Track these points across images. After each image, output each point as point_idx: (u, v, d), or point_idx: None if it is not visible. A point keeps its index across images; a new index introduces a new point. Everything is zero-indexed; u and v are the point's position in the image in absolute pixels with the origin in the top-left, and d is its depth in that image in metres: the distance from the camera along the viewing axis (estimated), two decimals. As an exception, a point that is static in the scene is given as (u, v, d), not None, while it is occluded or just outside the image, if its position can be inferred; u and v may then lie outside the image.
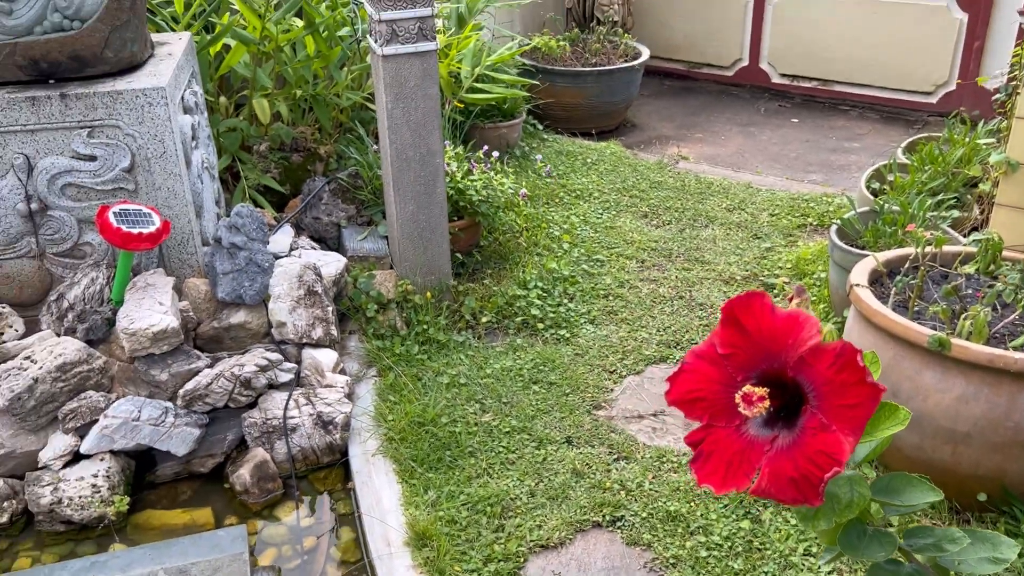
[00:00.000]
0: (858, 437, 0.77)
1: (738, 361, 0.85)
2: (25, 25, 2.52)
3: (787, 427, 0.83)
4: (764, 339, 0.83)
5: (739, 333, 0.85)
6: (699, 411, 0.87)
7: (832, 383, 0.78)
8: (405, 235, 2.99)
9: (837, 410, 0.78)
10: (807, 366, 0.80)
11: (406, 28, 2.70)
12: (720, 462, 0.84)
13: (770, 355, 0.83)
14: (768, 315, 0.83)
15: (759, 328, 0.84)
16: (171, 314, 2.44)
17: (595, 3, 5.54)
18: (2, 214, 2.58)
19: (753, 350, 0.84)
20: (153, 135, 2.55)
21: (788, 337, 0.82)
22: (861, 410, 0.77)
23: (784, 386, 0.83)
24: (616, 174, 4.27)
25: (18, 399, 2.29)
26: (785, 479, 0.79)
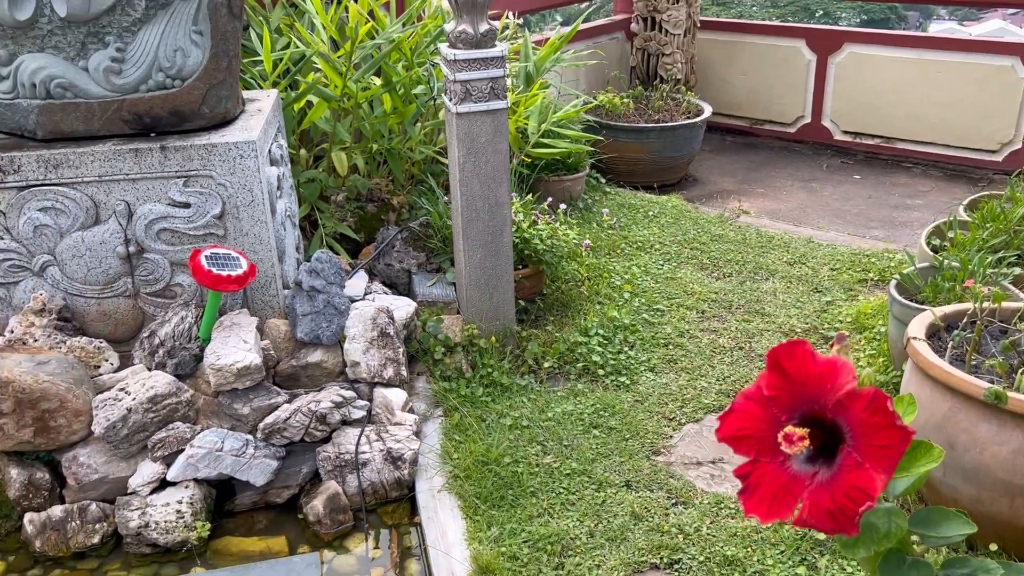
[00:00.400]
0: (890, 475, 0.86)
1: (782, 403, 0.95)
2: (132, 84, 2.76)
3: (827, 464, 0.92)
4: (805, 383, 0.93)
5: (782, 377, 0.95)
6: (746, 447, 0.97)
7: (866, 425, 0.87)
8: (472, 281, 3.13)
9: (870, 450, 0.87)
10: (844, 409, 0.90)
11: (479, 88, 2.87)
12: (766, 494, 0.93)
13: (811, 398, 0.93)
14: (809, 361, 0.93)
15: (800, 373, 0.93)
16: (254, 352, 2.60)
17: (659, 62, 5.69)
18: (102, 256, 2.79)
19: (795, 393, 0.94)
20: (243, 185, 2.75)
21: (827, 382, 0.91)
22: (892, 451, 0.86)
23: (824, 426, 0.93)
24: (677, 227, 4.37)
25: (113, 427, 2.47)
26: (824, 511, 0.88)
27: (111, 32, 2.71)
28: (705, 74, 6.02)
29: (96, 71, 2.72)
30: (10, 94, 2.77)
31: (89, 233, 2.76)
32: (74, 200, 2.72)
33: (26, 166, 2.68)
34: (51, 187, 2.70)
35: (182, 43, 2.72)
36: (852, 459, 0.88)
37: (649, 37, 5.69)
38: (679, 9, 5.54)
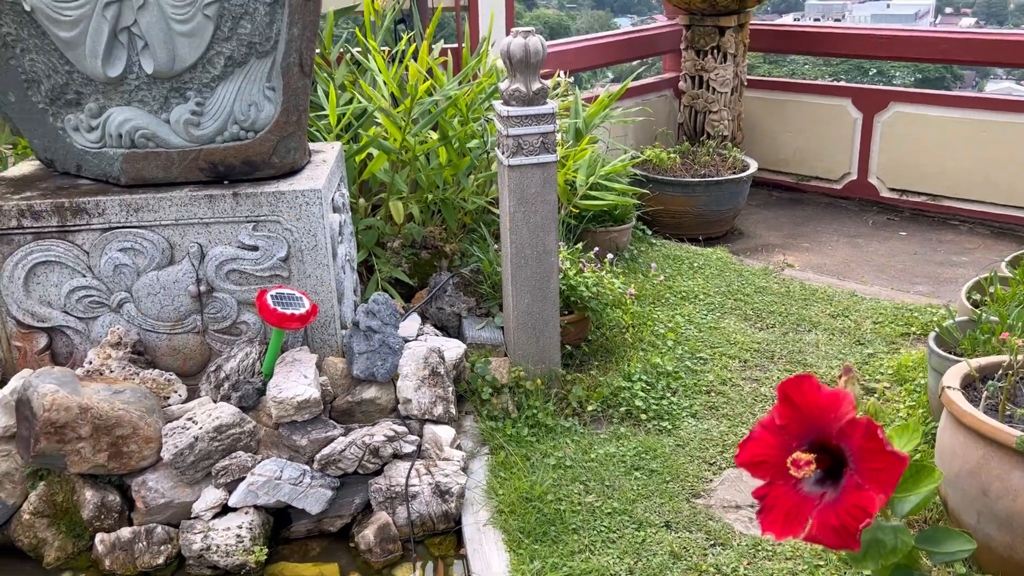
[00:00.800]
0: (888, 495, 0.96)
1: (792, 431, 1.06)
2: (209, 135, 2.98)
3: (833, 486, 1.02)
4: (811, 413, 1.04)
5: (792, 408, 1.06)
6: (762, 471, 1.07)
7: (863, 450, 0.98)
8: (520, 325, 3.27)
9: (869, 472, 0.97)
10: (846, 436, 1.00)
11: (530, 142, 3.03)
12: (780, 514, 1.04)
13: (817, 426, 1.03)
14: (814, 393, 1.04)
15: (807, 404, 1.04)
16: (313, 386, 2.76)
17: (706, 119, 5.83)
18: (175, 294, 2.99)
19: (803, 422, 1.05)
20: (307, 230, 2.93)
21: (830, 411, 1.02)
22: (887, 473, 0.96)
23: (830, 451, 1.03)
24: (722, 278, 4.47)
25: (180, 454, 2.63)
26: (829, 528, 0.98)
27: (192, 88, 2.95)
28: (752, 131, 6.15)
29: (177, 123, 2.95)
30: (98, 143, 3.01)
31: (164, 273, 2.96)
32: (152, 242, 2.93)
33: (110, 209, 2.90)
34: (131, 229, 2.92)
35: (256, 98, 2.94)
36: (854, 481, 0.98)
37: (696, 95, 5.85)
38: (726, 69, 5.69)
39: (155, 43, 2.85)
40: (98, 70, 2.89)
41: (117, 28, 2.84)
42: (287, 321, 2.78)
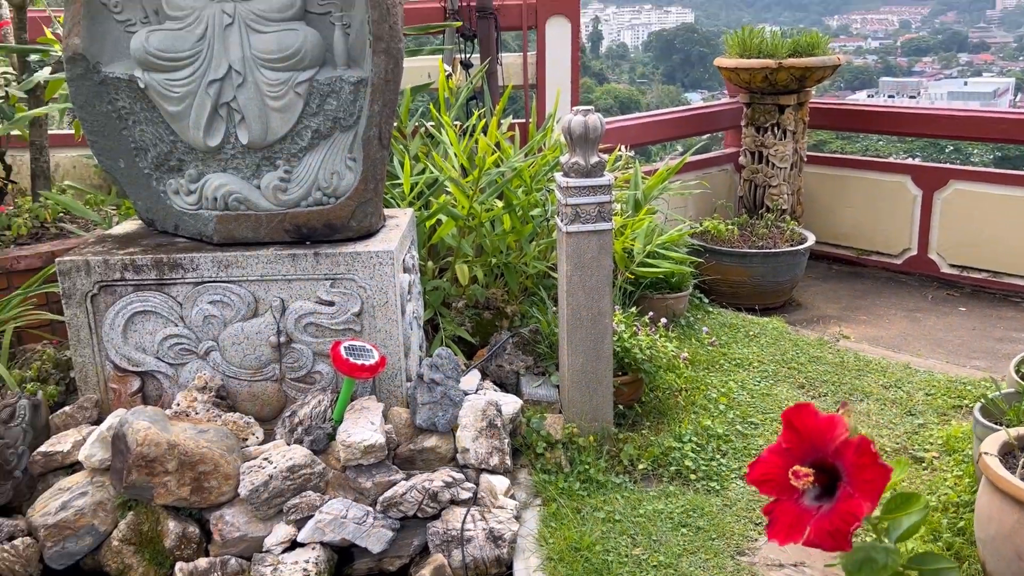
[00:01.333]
0: (875, 503, 1.11)
1: (795, 453, 1.21)
2: (294, 199, 3.27)
3: (829, 500, 1.17)
4: (811, 436, 1.19)
5: (794, 433, 1.21)
6: (769, 489, 1.23)
7: (855, 465, 1.13)
8: (574, 384, 3.43)
9: (859, 484, 1.12)
10: (840, 455, 1.16)
11: (587, 211, 3.25)
12: (783, 524, 1.19)
13: (816, 448, 1.19)
14: (813, 419, 1.20)
15: (807, 428, 1.20)
16: (379, 433, 2.96)
17: (765, 192, 6.00)
18: (257, 344, 3.25)
19: (804, 444, 1.20)
20: (380, 288, 3.18)
21: (827, 434, 1.18)
22: (876, 484, 1.11)
23: (827, 471, 1.19)
24: (776, 347, 4.57)
25: (256, 491, 2.85)
26: (824, 532, 1.13)
27: (281, 157, 3.25)
28: (812, 204, 6.28)
29: (266, 188, 3.26)
30: (195, 206, 3.33)
31: (248, 324, 3.22)
32: (239, 295, 3.20)
33: (202, 265, 3.19)
34: (221, 284, 3.20)
35: (338, 167, 3.23)
36: (847, 492, 1.14)
37: (756, 170, 6.03)
38: (785, 145, 5.87)
39: (251, 117, 3.18)
40: (199, 140, 3.21)
41: (218, 103, 3.18)
42: (357, 371, 3.01)
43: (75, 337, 3.24)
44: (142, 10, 3.19)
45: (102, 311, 3.22)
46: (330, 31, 3.17)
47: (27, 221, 4.11)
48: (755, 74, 5.66)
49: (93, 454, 2.95)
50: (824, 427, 1.18)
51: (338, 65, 3.19)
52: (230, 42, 3.12)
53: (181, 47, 3.12)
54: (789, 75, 5.59)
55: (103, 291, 3.20)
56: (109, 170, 3.37)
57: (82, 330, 3.23)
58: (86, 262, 3.16)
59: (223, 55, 3.13)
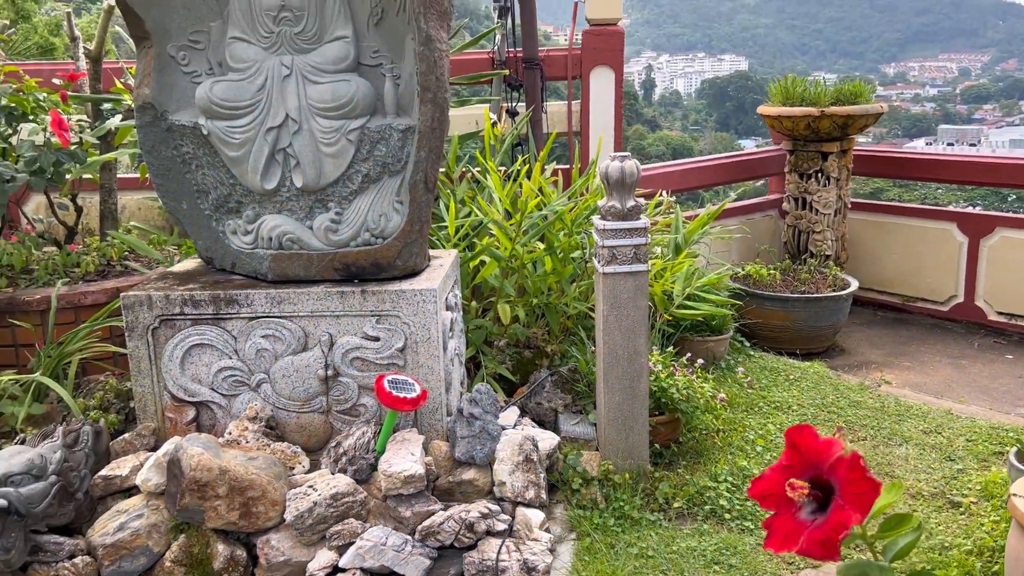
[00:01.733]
0: (864, 515, 1.19)
1: (795, 470, 1.30)
2: (344, 240, 3.44)
3: (823, 514, 1.25)
4: (810, 455, 1.28)
5: (795, 451, 1.30)
6: (769, 503, 1.31)
7: (847, 480, 1.21)
8: (610, 421, 3.52)
9: (850, 497, 1.20)
10: (834, 471, 1.24)
11: (624, 253, 3.36)
12: (780, 535, 1.27)
13: (814, 465, 1.28)
14: (813, 439, 1.28)
15: (807, 447, 1.29)
16: (419, 464, 3.07)
17: (809, 238, 6.04)
18: (306, 377, 3.40)
19: (804, 462, 1.29)
20: (423, 325, 3.31)
21: (824, 453, 1.26)
22: (866, 497, 1.19)
23: (823, 487, 1.27)
24: (817, 391, 4.59)
25: (300, 517, 2.97)
26: (816, 542, 1.21)
27: (333, 200, 3.43)
28: (857, 250, 6.30)
29: (318, 229, 3.43)
30: (251, 245, 3.52)
31: (298, 358, 3.38)
32: (290, 330, 3.37)
33: (257, 301, 3.36)
34: (273, 319, 3.37)
35: (386, 210, 3.40)
36: (839, 504, 1.22)
37: (800, 215, 6.08)
38: (829, 191, 5.92)
39: (305, 162, 3.37)
40: (257, 184, 3.41)
41: (275, 149, 3.38)
42: (400, 403, 3.13)
43: (136, 368, 3.43)
44: (207, 62, 3.42)
45: (162, 343, 3.41)
46: (381, 82, 3.36)
47: (95, 259, 4.36)
48: (798, 122, 5.75)
49: (149, 478, 3.11)
50: (822, 447, 1.26)
51: (388, 113, 3.37)
52: (287, 92, 3.33)
53: (242, 96, 3.34)
54: (832, 123, 5.66)
55: (163, 325, 3.39)
56: (172, 211, 3.58)
57: (143, 361, 3.42)
58: (148, 297, 3.36)
59: (281, 104, 3.34)
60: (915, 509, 3.42)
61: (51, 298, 3.94)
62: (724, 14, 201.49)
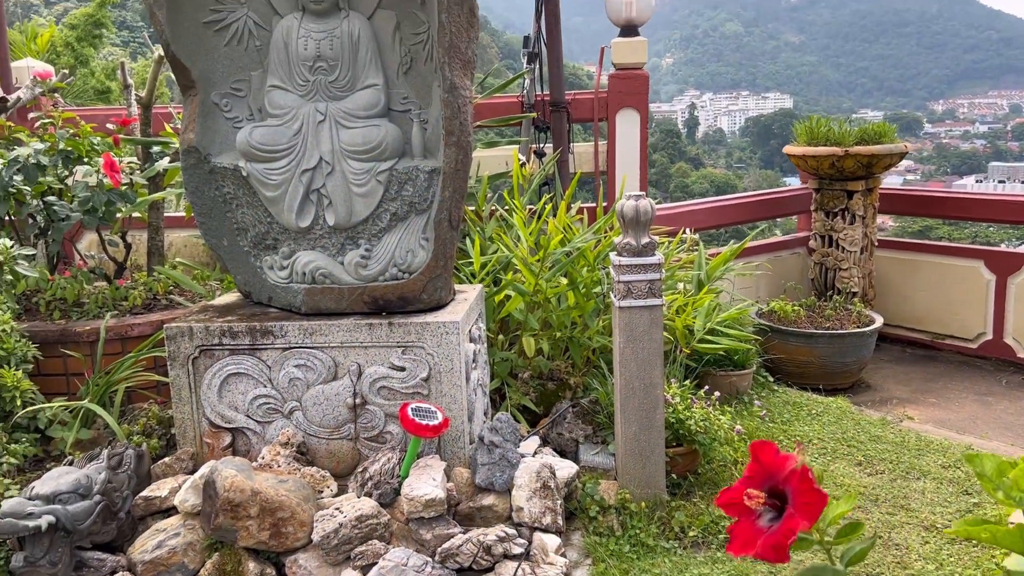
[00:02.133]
0: (812, 522, 1.31)
1: (756, 481, 1.42)
2: (373, 275, 3.63)
3: (778, 521, 1.37)
4: (770, 467, 1.41)
5: (758, 464, 1.43)
6: (733, 511, 1.44)
7: (798, 490, 1.34)
8: (627, 451, 3.63)
9: (800, 505, 1.33)
10: (788, 482, 1.36)
11: (639, 288, 3.50)
12: (741, 540, 1.40)
13: (773, 477, 1.40)
14: (773, 454, 1.41)
15: (768, 461, 1.41)
16: (440, 488, 3.22)
17: (836, 275, 6.11)
18: (336, 405, 3.57)
19: (764, 474, 1.41)
20: (446, 356, 3.47)
21: (781, 467, 1.39)
22: (813, 506, 1.31)
23: (780, 498, 1.39)
24: (838, 425, 4.65)
25: (327, 537, 3.13)
26: (769, 546, 1.33)
27: (363, 237, 3.63)
28: (885, 288, 6.35)
29: (349, 265, 3.63)
30: (287, 280, 3.72)
31: (328, 387, 3.56)
32: (321, 360, 3.55)
33: (290, 332, 3.56)
34: (306, 349, 3.55)
35: (413, 246, 3.58)
36: (790, 513, 1.34)
37: (826, 253, 6.16)
38: (855, 229, 6.00)
39: (337, 202, 3.57)
40: (292, 222, 3.62)
41: (309, 189, 3.59)
42: (422, 431, 3.29)
43: (177, 395, 3.63)
44: (248, 109, 3.66)
45: (201, 372, 3.61)
46: (409, 126, 3.57)
47: (142, 293, 4.60)
48: (822, 161, 5.85)
49: (187, 499, 3.29)
50: (779, 461, 1.39)
51: (415, 156, 3.57)
52: (322, 136, 3.55)
53: (279, 141, 3.57)
54: (856, 162, 5.76)
55: (203, 354, 3.59)
56: (214, 248, 3.81)
57: (183, 389, 3.62)
58: (190, 328, 3.57)
59: (315, 148, 3.56)
60: (927, 541, 3.47)
61: (100, 330, 4.18)
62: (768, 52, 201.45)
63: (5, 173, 4.22)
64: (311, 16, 3.54)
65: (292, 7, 3.59)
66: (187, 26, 3.53)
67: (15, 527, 2.96)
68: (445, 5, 3.28)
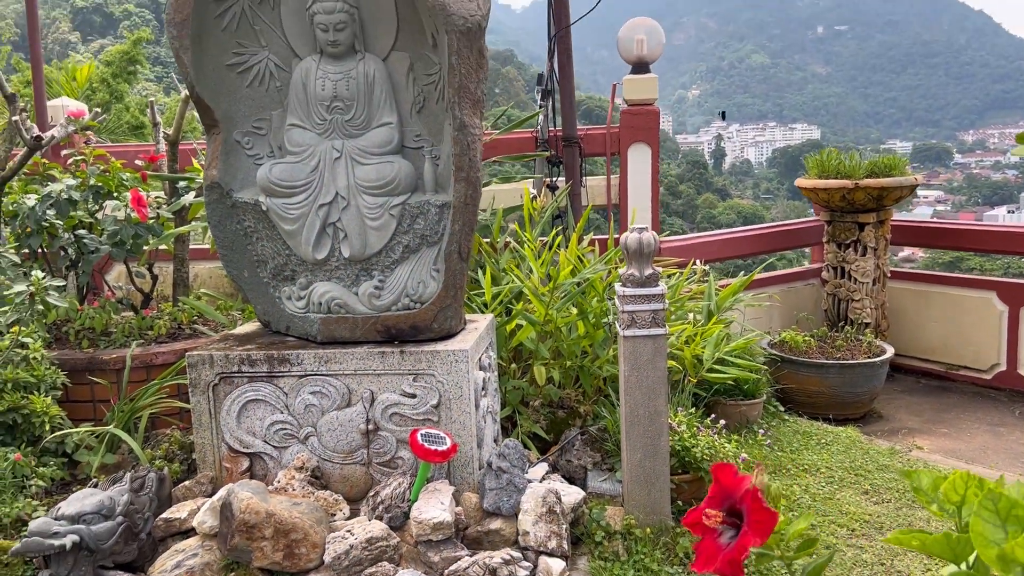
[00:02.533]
0: (763, 539, 1.41)
1: (717, 502, 1.52)
2: (386, 305, 3.76)
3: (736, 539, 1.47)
4: (729, 488, 1.51)
5: (719, 486, 1.53)
6: (697, 530, 1.54)
7: (750, 508, 1.44)
8: (633, 478, 3.71)
9: (753, 524, 1.43)
10: (743, 501, 1.47)
11: (642, 317, 3.60)
12: (703, 557, 1.49)
13: (731, 497, 1.50)
14: (731, 475, 1.51)
15: (727, 482, 1.51)
16: (448, 512, 3.32)
17: (848, 306, 6.17)
18: (349, 431, 3.69)
19: (724, 494, 1.51)
20: (455, 383, 3.59)
21: (738, 486, 1.49)
22: (765, 524, 1.41)
23: (739, 516, 1.49)
24: (846, 455, 4.70)
25: (338, 558, 3.24)
26: (726, 561, 1.43)
27: (376, 268, 3.77)
28: (898, 318, 6.39)
29: (363, 295, 3.77)
30: (304, 310, 3.87)
31: (342, 413, 3.69)
32: (335, 387, 3.68)
33: (306, 360, 3.69)
34: (321, 376, 3.69)
35: (424, 277, 3.72)
36: (744, 531, 1.44)
37: (839, 284, 6.22)
38: (867, 261, 6.06)
39: (352, 235, 3.73)
40: (309, 254, 3.78)
41: (326, 223, 3.75)
42: (431, 455, 3.40)
43: (197, 421, 3.78)
44: (268, 146, 3.84)
45: (221, 399, 3.75)
46: (422, 162, 3.72)
47: (167, 323, 4.78)
48: (833, 193, 5.94)
49: (205, 521, 3.42)
50: (736, 481, 1.49)
51: (427, 191, 3.72)
52: (338, 172, 3.71)
53: (298, 177, 3.73)
54: (866, 195, 5.84)
55: (223, 381, 3.74)
56: (235, 279, 3.97)
57: (204, 415, 3.77)
58: (210, 356, 3.72)
59: (332, 183, 3.72)
60: (929, 568, 3.51)
61: (126, 358, 4.35)
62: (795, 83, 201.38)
63: (39, 208, 4.43)
64: (328, 58, 3.72)
65: (311, 50, 3.77)
66: (211, 68, 3.72)
67: (41, 545, 3.10)
68: (455, 48, 3.43)
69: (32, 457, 3.81)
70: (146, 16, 71.42)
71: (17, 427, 3.86)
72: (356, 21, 3.67)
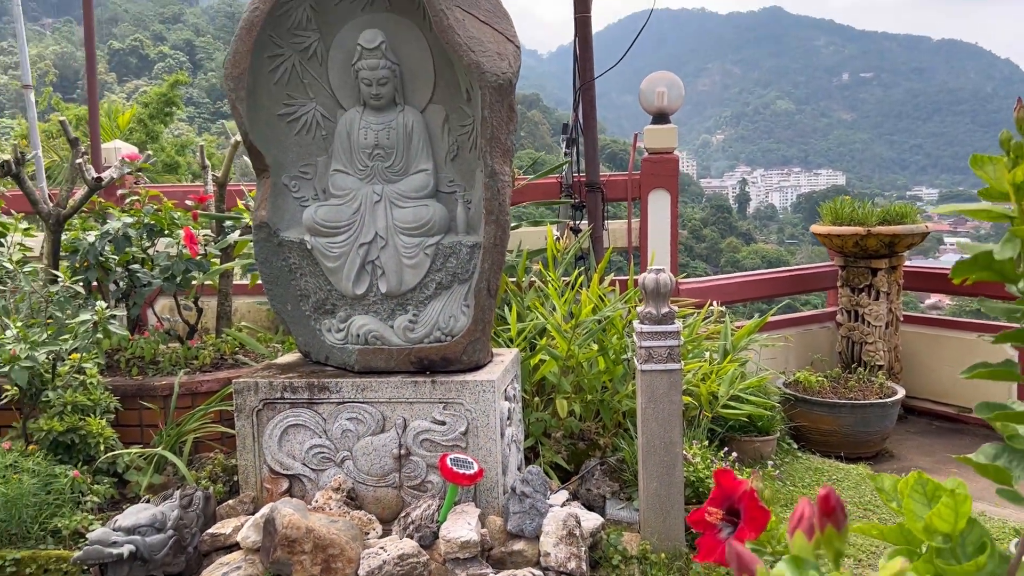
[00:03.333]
0: (758, 534, 1.65)
1: (718, 502, 1.77)
2: (419, 337, 4.03)
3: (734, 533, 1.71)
4: (729, 490, 1.75)
5: (720, 488, 1.77)
6: (699, 527, 1.78)
7: (747, 507, 1.68)
8: (649, 506, 3.93)
9: (748, 520, 1.67)
10: (740, 501, 1.71)
11: (659, 353, 3.85)
12: (705, 549, 1.73)
13: (730, 499, 1.75)
14: (731, 480, 1.76)
15: (727, 485, 1.76)
16: (474, 532, 3.55)
17: (862, 348, 6.36)
18: (383, 455, 3.94)
19: (724, 496, 1.76)
20: (483, 412, 3.84)
21: (736, 488, 1.73)
22: (759, 521, 1.65)
23: (736, 514, 1.73)
24: (856, 491, 4.88)
25: (371, 573, 3.47)
26: (724, 552, 1.67)
27: (411, 303, 4.05)
28: (912, 361, 6.57)
29: (398, 328, 4.04)
30: (342, 341, 4.14)
31: (376, 438, 3.94)
32: (370, 414, 3.94)
33: (344, 388, 3.96)
34: (358, 404, 3.95)
35: (455, 312, 3.99)
36: (741, 526, 1.68)
37: (853, 327, 6.42)
38: (879, 305, 6.27)
39: (390, 272, 4.01)
40: (349, 289, 4.06)
41: (365, 261, 4.04)
42: (459, 479, 3.64)
43: (241, 444, 4.04)
44: (314, 190, 4.15)
45: (264, 423, 4.02)
46: (455, 206, 4.02)
47: (211, 353, 5.07)
48: (846, 240, 6.17)
49: (248, 536, 3.67)
50: (735, 484, 1.74)
51: (459, 232, 4.01)
52: (377, 215, 4.01)
53: (340, 218, 4.03)
54: (878, 241, 6.06)
55: (266, 407, 4.01)
56: (279, 312, 4.26)
57: (247, 439, 4.03)
58: (256, 383, 4.00)
59: (372, 224, 4.02)
60: (931, 596, 3.68)
61: (174, 385, 4.64)
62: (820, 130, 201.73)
63: (98, 243, 4.76)
64: (371, 110, 4.04)
65: (354, 102, 4.09)
66: (263, 118, 4.05)
67: (101, 554, 3.36)
68: (488, 102, 3.74)
69: (87, 475, 4.09)
70: (180, 58, 73.16)
71: (74, 447, 4.14)
72: (397, 76, 3.99)
